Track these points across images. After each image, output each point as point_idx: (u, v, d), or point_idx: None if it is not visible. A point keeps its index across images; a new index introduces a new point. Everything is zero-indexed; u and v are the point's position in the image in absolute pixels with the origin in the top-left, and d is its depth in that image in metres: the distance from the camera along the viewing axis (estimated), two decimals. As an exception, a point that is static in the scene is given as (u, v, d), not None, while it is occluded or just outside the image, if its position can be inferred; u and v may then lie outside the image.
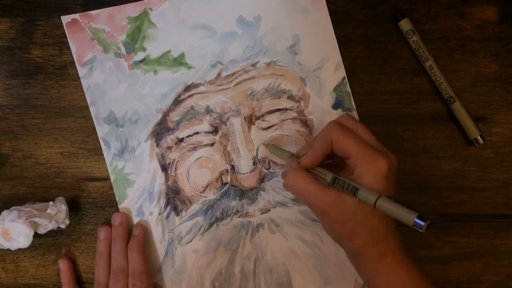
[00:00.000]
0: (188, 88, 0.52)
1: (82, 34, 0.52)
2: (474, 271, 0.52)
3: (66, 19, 0.52)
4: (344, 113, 0.51)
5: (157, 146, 0.52)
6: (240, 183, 0.51)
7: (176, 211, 0.52)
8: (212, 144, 0.52)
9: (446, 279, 0.52)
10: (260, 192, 0.51)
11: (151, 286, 0.50)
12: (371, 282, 0.43)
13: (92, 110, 0.52)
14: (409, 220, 0.36)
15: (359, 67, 0.52)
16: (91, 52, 0.52)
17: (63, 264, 0.51)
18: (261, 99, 0.52)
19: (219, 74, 0.52)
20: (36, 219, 0.48)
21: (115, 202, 0.52)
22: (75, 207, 0.52)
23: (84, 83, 0.52)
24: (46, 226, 0.49)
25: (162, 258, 0.52)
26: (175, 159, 0.52)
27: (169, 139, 0.52)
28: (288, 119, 0.52)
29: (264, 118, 0.52)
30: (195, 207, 0.52)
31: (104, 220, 0.52)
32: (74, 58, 0.52)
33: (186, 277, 0.51)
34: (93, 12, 0.52)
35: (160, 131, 0.52)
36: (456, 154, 0.52)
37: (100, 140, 0.52)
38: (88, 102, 0.52)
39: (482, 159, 0.52)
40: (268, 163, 0.52)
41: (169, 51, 0.52)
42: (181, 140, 0.52)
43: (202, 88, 0.52)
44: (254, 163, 0.51)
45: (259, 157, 0.52)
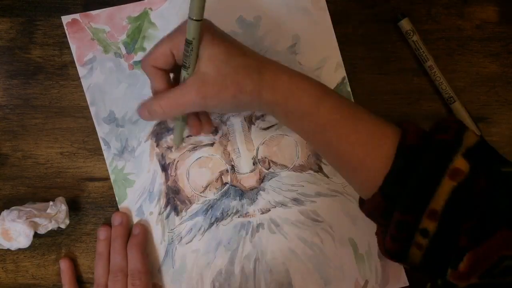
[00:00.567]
0: (188, 88, 0.52)
1: (82, 34, 0.52)
2: (474, 271, 0.52)
3: (66, 19, 0.52)
4: None
5: (157, 146, 0.52)
6: (240, 183, 0.51)
7: (176, 211, 0.52)
8: (212, 144, 0.52)
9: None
10: (260, 192, 0.51)
11: (151, 285, 0.50)
12: (287, 111, 0.42)
13: (92, 110, 0.52)
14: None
15: (359, 67, 0.52)
16: (91, 52, 0.52)
17: (64, 264, 0.51)
18: (261, 99, 0.52)
19: (219, 74, 0.52)
20: (36, 219, 0.48)
21: (115, 202, 0.52)
22: (75, 207, 0.52)
23: (84, 83, 0.52)
24: (46, 226, 0.49)
25: (162, 258, 0.52)
26: (175, 159, 0.52)
27: (169, 139, 0.52)
28: (288, 119, 0.52)
29: (264, 118, 0.52)
30: (195, 207, 0.52)
31: (104, 220, 0.52)
32: (74, 58, 0.52)
33: (186, 277, 0.51)
34: (93, 12, 0.52)
35: (160, 131, 0.52)
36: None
37: (100, 140, 0.52)
38: (88, 102, 0.52)
39: (482, 159, 0.52)
40: (268, 163, 0.52)
41: (169, 51, 0.52)
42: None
43: (202, 88, 0.52)
44: (254, 163, 0.51)
45: (259, 157, 0.52)
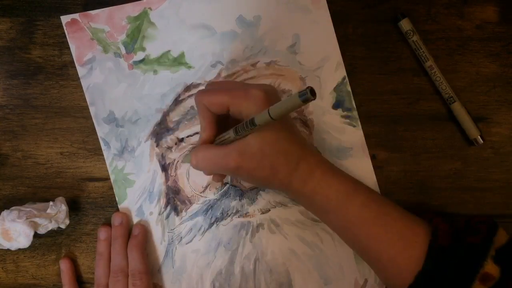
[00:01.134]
0: (188, 88, 0.52)
1: (82, 34, 0.52)
2: (474, 271, 0.52)
3: (65, 19, 0.52)
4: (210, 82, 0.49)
5: (157, 146, 0.52)
6: (240, 183, 0.51)
7: (176, 211, 0.52)
8: (212, 144, 0.52)
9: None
10: (260, 192, 0.51)
11: (151, 286, 0.50)
12: (313, 205, 0.43)
13: (92, 110, 0.52)
14: (296, 99, 0.35)
15: (359, 67, 0.52)
16: (90, 52, 0.52)
17: (64, 265, 0.51)
18: (261, 99, 0.52)
19: (219, 74, 0.52)
20: (36, 219, 0.48)
21: (115, 202, 0.52)
22: (75, 207, 0.52)
23: (84, 83, 0.52)
24: (46, 226, 0.49)
25: (162, 258, 0.52)
26: (175, 159, 0.52)
27: (169, 139, 0.52)
28: (288, 119, 0.52)
29: (264, 118, 0.52)
30: (195, 207, 0.52)
31: (104, 220, 0.52)
32: (74, 58, 0.52)
33: (186, 277, 0.51)
34: (92, 12, 0.52)
35: (160, 131, 0.52)
36: (456, 154, 0.52)
37: (100, 140, 0.52)
38: (88, 102, 0.52)
39: (482, 159, 0.52)
40: (268, 163, 0.52)
41: (169, 51, 0.52)
42: (181, 140, 0.52)
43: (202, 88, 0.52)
44: (254, 163, 0.51)
45: (259, 157, 0.52)
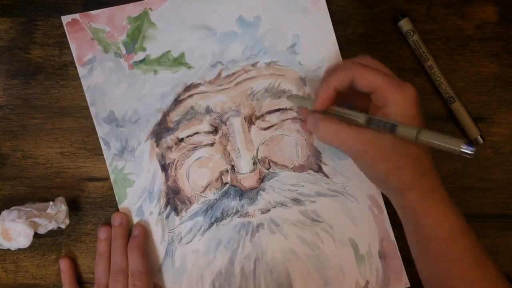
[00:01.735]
0: (188, 88, 0.52)
1: (82, 34, 0.52)
2: (474, 271, 0.52)
3: (66, 19, 0.52)
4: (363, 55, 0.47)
5: (157, 146, 0.52)
6: (240, 183, 0.51)
7: (176, 211, 0.52)
8: (212, 144, 0.52)
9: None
10: (260, 192, 0.51)
11: (151, 286, 0.50)
12: (418, 223, 0.41)
13: (92, 110, 0.52)
14: (457, 146, 0.34)
15: (359, 67, 0.52)
16: (91, 52, 0.52)
17: (64, 264, 0.51)
18: (261, 99, 0.52)
19: (219, 74, 0.52)
20: (36, 219, 0.48)
21: (115, 202, 0.52)
22: (75, 207, 0.52)
23: (84, 83, 0.52)
24: (46, 226, 0.49)
25: (162, 258, 0.52)
26: (175, 159, 0.52)
27: (169, 139, 0.52)
28: (288, 119, 0.52)
29: (264, 118, 0.52)
30: (195, 207, 0.52)
31: (104, 220, 0.52)
32: (74, 58, 0.52)
33: (186, 277, 0.51)
34: (93, 12, 0.52)
35: (160, 131, 0.52)
36: (456, 154, 0.52)
37: (100, 140, 0.52)
38: (88, 102, 0.52)
39: (482, 159, 0.52)
40: (268, 163, 0.52)
41: (169, 51, 0.52)
42: (181, 140, 0.52)
43: (202, 88, 0.52)
44: (254, 163, 0.51)
45: (259, 157, 0.52)
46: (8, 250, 0.50)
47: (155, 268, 0.51)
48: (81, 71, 0.52)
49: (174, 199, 0.52)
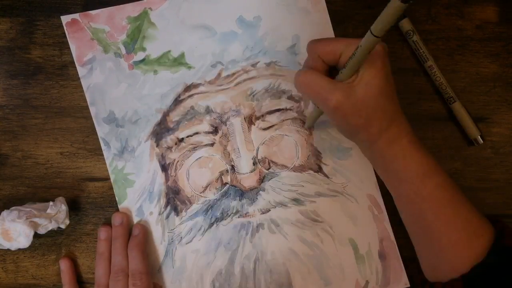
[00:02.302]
0: (188, 88, 0.52)
1: (82, 34, 0.52)
2: (474, 271, 0.52)
3: (66, 19, 0.52)
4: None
5: (157, 146, 0.52)
6: (240, 183, 0.51)
7: (176, 211, 0.52)
8: (212, 144, 0.52)
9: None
10: (260, 192, 0.51)
11: (151, 286, 0.50)
12: (388, 168, 0.44)
13: (92, 110, 0.52)
14: (395, 2, 0.35)
15: (359, 67, 0.52)
16: (91, 52, 0.52)
17: (64, 265, 0.51)
18: (261, 99, 0.52)
19: (219, 74, 0.52)
20: (36, 219, 0.48)
21: (115, 202, 0.52)
22: (75, 207, 0.52)
23: (84, 83, 0.52)
24: (46, 226, 0.49)
25: (162, 258, 0.52)
26: (175, 159, 0.52)
27: (169, 139, 0.52)
28: (288, 119, 0.52)
29: (264, 118, 0.52)
30: (195, 207, 0.52)
31: (104, 220, 0.52)
32: (74, 58, 0.52)
33: (186, 277, 0.51)
34: (93, 12, 0.52)
35: (160, 131, 0.52)
36: (456, 154, 0.52)
37: (100, 140, 0.52)
38: (88, 102, 0.52)
39: (482, 159, 0.52)
40: (268, 163, 0.52)
41: (169, 51, 0.52)
42: (181, 140, 0.52)
43: (202, 88, 0.52)
44: (254, 163, 0.51)
45: (259, 157, 0.52)
46: (8, 250, 0.50)
47: (155, 268, 0.51)
48: (81, 71, 0.52)
49: (174, 199, 0.52)
